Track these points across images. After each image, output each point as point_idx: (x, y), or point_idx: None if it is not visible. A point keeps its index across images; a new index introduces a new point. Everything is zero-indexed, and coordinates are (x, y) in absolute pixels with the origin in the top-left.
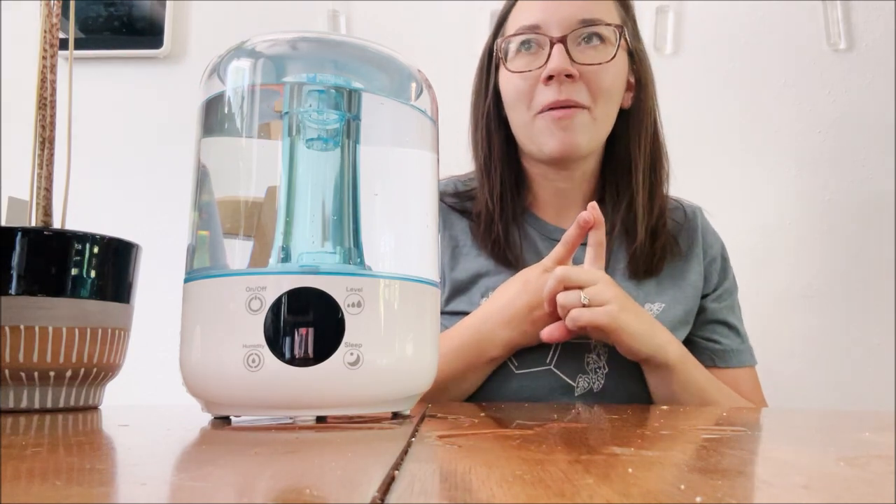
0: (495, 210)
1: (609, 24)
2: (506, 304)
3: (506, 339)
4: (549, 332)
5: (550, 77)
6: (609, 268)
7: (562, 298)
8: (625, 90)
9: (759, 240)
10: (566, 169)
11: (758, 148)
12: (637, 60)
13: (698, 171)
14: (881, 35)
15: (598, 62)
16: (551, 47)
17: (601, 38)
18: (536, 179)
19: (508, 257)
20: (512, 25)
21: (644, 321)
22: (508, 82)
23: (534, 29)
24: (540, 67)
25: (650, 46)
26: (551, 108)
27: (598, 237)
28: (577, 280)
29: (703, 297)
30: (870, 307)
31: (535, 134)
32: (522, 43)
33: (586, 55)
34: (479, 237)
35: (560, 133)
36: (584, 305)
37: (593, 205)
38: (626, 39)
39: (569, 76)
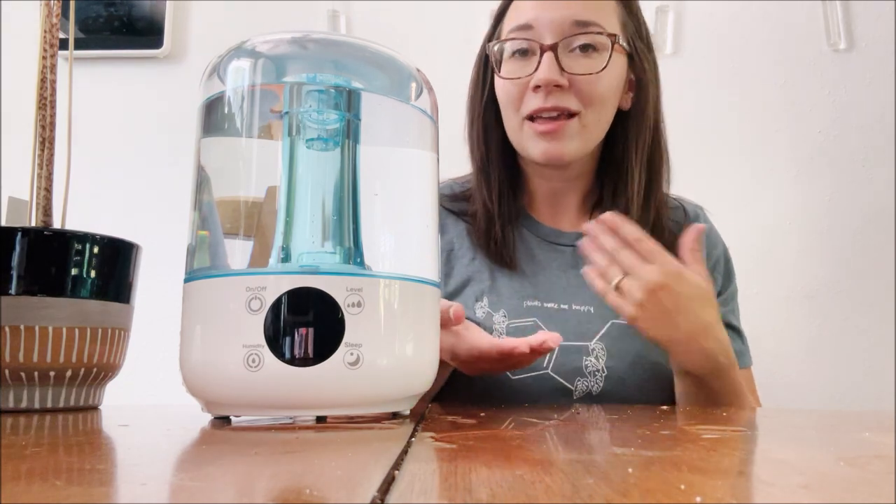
0: (494, 210)
1: (601, 32)
2: None
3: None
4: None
5: (539, 85)
6: None
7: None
8: (623, 91)
9: (759, 240)
10: (559, 169)
11: (758, 148)
12: (637, 61)
13: (697, 172)
14: (881, 35)
15: (590, 72)
16: (541, 55)
17: (595, 46)
18: (532, 178)
19: (504, 257)
20: (507, 23)
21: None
22: (501, 86)
23: (526, 29)
24: (529, 75)
25: None
26: (538, 116)
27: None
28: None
29: None
30: (870, 307)
31: (522, 139)
32: (514, 48)
33: (578, 64)
34: (477, 238)
35: (545, 143)
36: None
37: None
38: (623, 44)
39: (558, 86)
